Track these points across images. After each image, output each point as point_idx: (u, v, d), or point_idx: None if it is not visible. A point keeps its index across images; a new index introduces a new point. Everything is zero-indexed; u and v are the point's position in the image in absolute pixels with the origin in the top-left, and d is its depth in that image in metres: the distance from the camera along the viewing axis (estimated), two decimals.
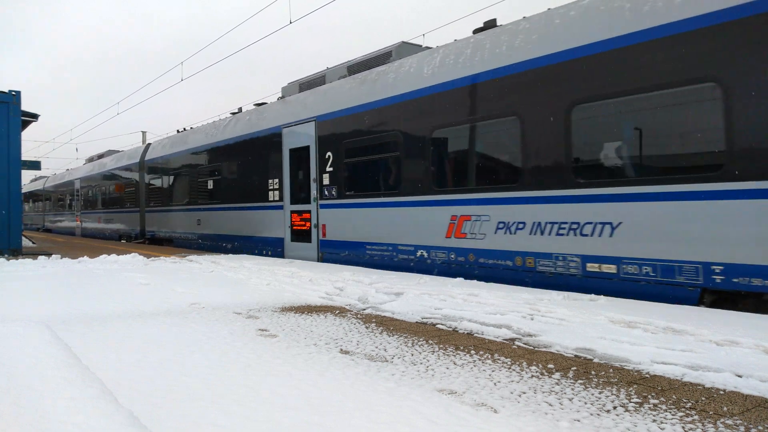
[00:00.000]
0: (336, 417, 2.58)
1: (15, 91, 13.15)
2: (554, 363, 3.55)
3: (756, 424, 2.49)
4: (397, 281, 7.12)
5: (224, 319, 5.04)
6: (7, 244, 13.09)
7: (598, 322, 4.58)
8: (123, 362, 3.55)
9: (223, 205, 14.30)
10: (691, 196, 5.68)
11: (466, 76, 7.98)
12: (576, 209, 6.62)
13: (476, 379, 3.21)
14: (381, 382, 3.13)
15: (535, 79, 7.09)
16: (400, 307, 5.48)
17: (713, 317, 4.64)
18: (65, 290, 6.90)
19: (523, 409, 2.72)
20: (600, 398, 2.86)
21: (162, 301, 6.02)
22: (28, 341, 3.77)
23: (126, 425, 2.23)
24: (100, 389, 2.71)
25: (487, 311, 5.09)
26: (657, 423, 2.51)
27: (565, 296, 5.79)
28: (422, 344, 4.08)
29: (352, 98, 10.06)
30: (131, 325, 4.77)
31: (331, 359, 3.65)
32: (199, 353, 3.78)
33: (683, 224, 5.71)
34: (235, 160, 13.76)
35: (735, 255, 5.34)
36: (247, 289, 6.94)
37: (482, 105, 7.77)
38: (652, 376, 3.26)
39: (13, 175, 13.20)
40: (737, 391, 2.95)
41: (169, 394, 2.89)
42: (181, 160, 16.79)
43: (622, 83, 6.21)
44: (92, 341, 4.12)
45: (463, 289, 6.25)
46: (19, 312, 5.32)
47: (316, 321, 4.97)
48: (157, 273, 8.79)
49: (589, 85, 6.50)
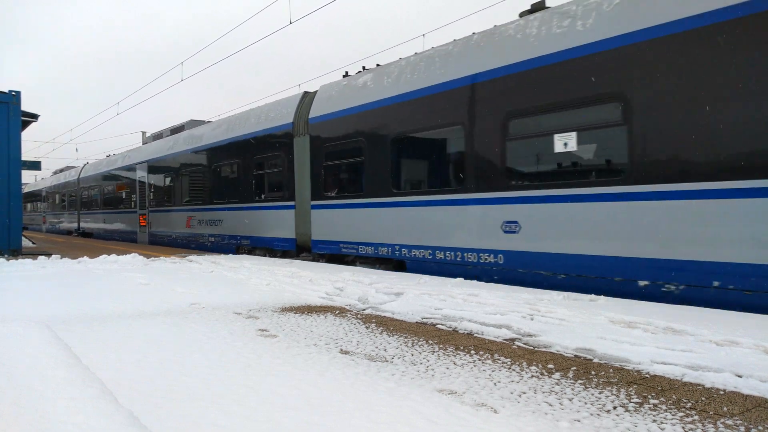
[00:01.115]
0: (336, 417, 2.58)
1: (15, 92, 13.15)
2: (554, 363, 3.55)
3: (756, 425, 2.49)
4: (396, 281, 7.12)
5: (224, 319, 5.04)
6: (7, 245, 13.09)
7: (598, 322, 4.58)
8: (123, 362, 3.55)
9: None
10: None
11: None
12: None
13: (476, 379, 3.21)
14: (381, 382, 3.13)
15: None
16: (400, 307, 5.48)
17: (713, 317, 4.64)
18: (65, 290, 6.90)
19: (523, 409, 2.72)
20: (600, 398, 2.86)
21: (162, 301, 6.02)
22: (28, 341, 3.77)
23: (126, 425, 2.23)
24: (100, 389, 2.71)
25: (487, 311, 5.09)
26: (657, 423, 2.51)
27: (565, 296, 5.79)
28: (422, 344, 4.08)
29: (160, 150, 18.01)
30: (131, 325, 4.77)
31: (331, 359, 3.65)
32: (199, 353, 3.78)
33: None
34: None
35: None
36: (247, 289, 6.94)
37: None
38: (652, 376, 3.26)
39: (13, 175, 13.21)
40: (737, 391, 2.95)
41: (169, 394, 2.89)
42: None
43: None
44: (92, 341, 4.12)
45: (463, 289, 6.25)
46: (19, 312, 5.32)
47: (316, 321, 4.97)
48: (157, 273, 8.79)
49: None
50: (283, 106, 12.16)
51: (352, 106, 10.06)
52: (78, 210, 26.95)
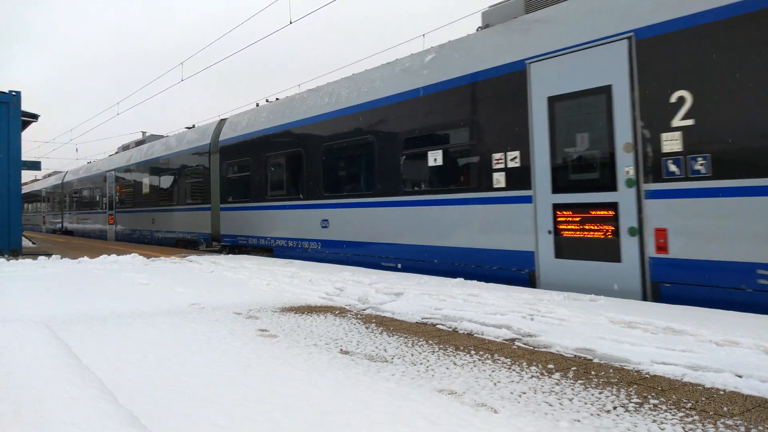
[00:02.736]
0: (336, 417, 2.58)
1: (15, 92, 13.16)
2: (554, 363, 3.55)
3: (756, 425, 2.49)
4: (397, 281, 7.11)
5: (224, 319, 5.04)
6: (7, 245, 13.09)
7: (598, 323, 4.58)
8: (123, 362, 3.55)
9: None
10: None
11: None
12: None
13: (476, 379, 3.21)
14: (381, 383, 3.13)
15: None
16: (400, 307, 5.48)
17: (713, 317, 4.64)
18: (65, 290, 6.90)
19: (523, 409, 2.72)
20: (600, 398, 2.86)
21: (162, 302, 6.02)
22: (28, 341, 3.77)
23: (126, 425, 2.23)
24: (100, 389, 2.71)
25: (487, 311, 5.08)
26: (657, 423, 2.51)
27: (566, 296, 5.79)
28: (422, 344, 4.08)
29: (122, 161, 21.12)
30: (131, 325, 4.77)
31: (331, 359, 3.65)
32: (199, 353, 3.78)
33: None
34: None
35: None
36: (247, 290, 6.94)
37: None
38: (652, 376, 3.26)
39: (13, 175, 13.21)
40: (737, 392, 2.95)
41: (169, 394, 2.89)
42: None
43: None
44: (92, 341, 4.12)
45: (463, 290, 6.25)
46: (19, 312, 5.32)
47: (316, 321, 4.97)
48: (157, 273, 8.79)
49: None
50: (204, 130, 15.54)
51: (242, 133, 13.39)
52: (62, 211, 30.43)
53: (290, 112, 11.82)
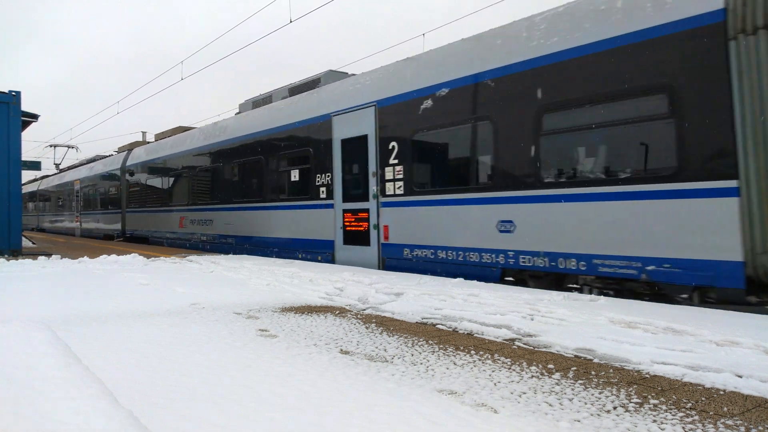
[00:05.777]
0: (336, 417, 2.58)
1: (15, 92, 13.15)
2: (554, 363, 3.55)
3: (756, 425, 2.49)
4: (396, 281, 7.12)
5: (224, 319, 5.04)
6: (7, 245, 13.08)
7: (598, 323, 4.58)
8: (123, 362, 3.55)
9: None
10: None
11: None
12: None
13: (476, 379, 3.21)
14: (381, 383, 3.13)
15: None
16: (400, 307, 5.48)
17: (713, 317, 4.64)
18: (65, 290, 6.90)
19: (523, 409, 2.72)
20: (600, 398, 2.86)
21: (162, 302, 6.02)
22: (27, 341, 3.77)
23: (126, 425, 2.23)
24: (100, 389, 2.71)
25: (487, 311, 5.08)
26: (657, 423, 2.51)
27: (566, 296, 5.79)
28: (422, 344, 4.08)
29: (82, 171, 27.83)
30: (131, 325, 4.77)
31: (331, 359, 3.65)
32: (199, 353, 3.78)
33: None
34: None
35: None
36: (247, 290, 6.94)
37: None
38: (652, 376, 3.26)
39: (13, 175, 13.19)
40: (737, 392, 2.95)
41: (169, 394, 2.89)
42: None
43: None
44: (92, 341, 4.11)
45: (463, 290, 6.25)
46: (19, 312, 5.32)
47: (316, 321, 4.97)
48: (157, 273, 8.79)
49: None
50: (119, 155, 22.57)
51: (141, 160, 19.57)
52: (37, 213, 37.75)
53: (160, 149, 18.31)
